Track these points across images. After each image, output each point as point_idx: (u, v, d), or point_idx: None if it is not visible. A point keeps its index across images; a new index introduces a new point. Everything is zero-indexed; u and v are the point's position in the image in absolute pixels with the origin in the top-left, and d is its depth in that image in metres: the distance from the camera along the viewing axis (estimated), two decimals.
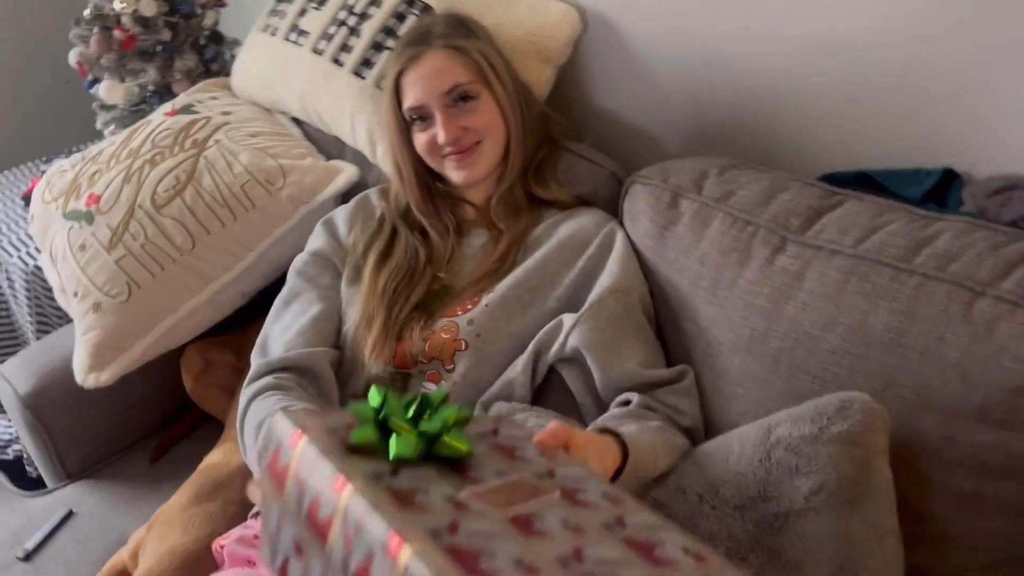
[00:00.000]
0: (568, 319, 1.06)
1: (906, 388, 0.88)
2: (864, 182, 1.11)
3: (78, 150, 1.94)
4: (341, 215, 1.28)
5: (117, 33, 1.63)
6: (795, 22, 1.13)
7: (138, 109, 1.72)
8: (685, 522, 0.80)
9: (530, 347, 1.06)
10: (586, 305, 1.06)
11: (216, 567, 1.09)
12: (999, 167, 1.03)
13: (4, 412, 2.03)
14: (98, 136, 1.88)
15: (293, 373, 1.07)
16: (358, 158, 1.46)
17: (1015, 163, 1.01)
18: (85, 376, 1.32)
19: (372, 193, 1.31)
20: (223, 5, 1.79)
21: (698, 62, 1.26)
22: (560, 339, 1.05)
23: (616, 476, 0.82)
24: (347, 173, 1.42)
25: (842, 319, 0.91)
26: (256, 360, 1.10)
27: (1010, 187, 1.00)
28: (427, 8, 1.36)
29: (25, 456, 1.78)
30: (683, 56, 1.27)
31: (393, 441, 0.63)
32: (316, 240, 1.26)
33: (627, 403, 1.01)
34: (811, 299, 0.94)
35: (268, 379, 1.05)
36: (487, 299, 1.10)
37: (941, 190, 1.06)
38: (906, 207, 0.98)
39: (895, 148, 1.11)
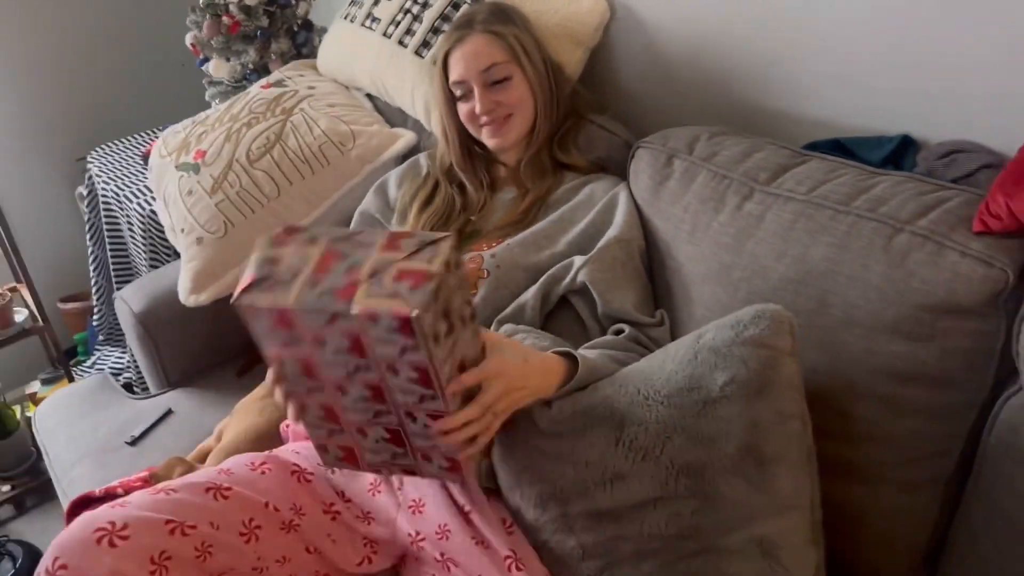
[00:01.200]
0: (579, 260, 1.27)
1: (836, 308, 1.06)
2: (838, 148, 1.28)
3: None
4: (393, 177, 1.53)
5: (225, 19, 1.93)
6: (789, 14, 1.31)
7: (239, 85, 2.02)
8: (625, 410, 0.99)
9: (542, 279, 1.28)
10: (595, 249, 1.28)
11: (282, 442, 1.35)
12: (949, 135, 1.19)
13: (117, 345, 2.38)
14: (205, 109, 2.19)
15: None
16: (417, 127, 1.71)
17: (962, 131, 1.17)
18: (187, 296, 1.61)
19: (422, 157, 1.56)
20: None
21: (709, 47, 1.45)
22: (571, 275, 1.26)
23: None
24: (406, 138, 1.68)
25: (789, 252, 1.10)
26: None
27: (955, 151, 1.17)
28: None
29: (133, 381, 2.11)
30: (696, 42, 1.46)
31: None
32: (366, 202, 1.52)
33: (621, 332, 1.23)
34: (767, 236, 1.13)
35: None
36: (509, 241, 1.33)
37: (900, 154, 1.23)
38: (860, 166, 1.16)
39: (866, 118, 1.28)
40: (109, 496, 1.48)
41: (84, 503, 1.49)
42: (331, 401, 0.96)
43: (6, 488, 2.32)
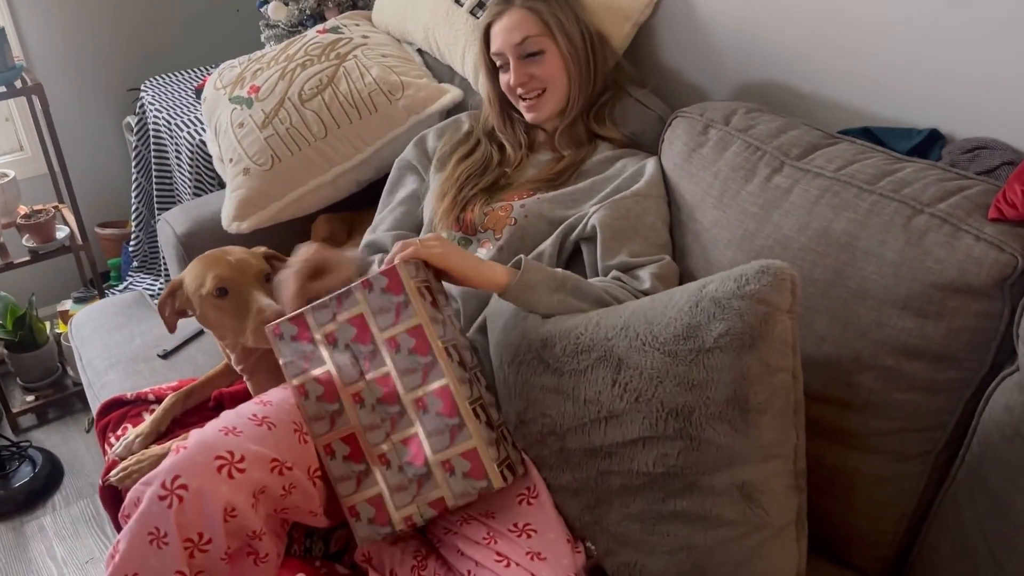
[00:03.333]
0: (592, 208, 1.33)
1: (851, 280, 1.11)
2: (868, 135, 1.33)
3: None
4: (432, 131, 1.61)
5: None
6: (831, 9, 1.36)
7: (295, 29, 2.08)
8: (623, 354, 1.04)
9: (560, 228, 1.34)
10: (611, 199, 1.33)
11: None
12: (975, 132, 1.24)
13: (150, 272, 2.46)
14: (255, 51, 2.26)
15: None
16: (464, 85, 1.77)
17: (987, 129, 1.22)
18: (230, 223, 1.68)
19: (464, 115, 1.63)
20: None
21: (751, 32, 1.50)
22: (584, 222, 1.33)
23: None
24: (452, 94, 1.74)
25: (812, 224, 1.15)
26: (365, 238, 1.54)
27: (980, 147, 1.22)
28: None
29: None
30: (740, 26, 1.51)
31: None
32: (405, 153, 1.61)
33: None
34: (793, 209, 1.18)
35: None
36: (540, 196, 1.39)
37: (927, 147, 1.28)
38: (888, 151, 1.21)
39: (900, 108, 1.33)
40: (140, 400, 1.56)
41: (114, 404, 1.58)
42: (353, 426, 1.10)
43: (30, 398, 2.41)
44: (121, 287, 2.52)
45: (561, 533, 1.10)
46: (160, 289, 2.31)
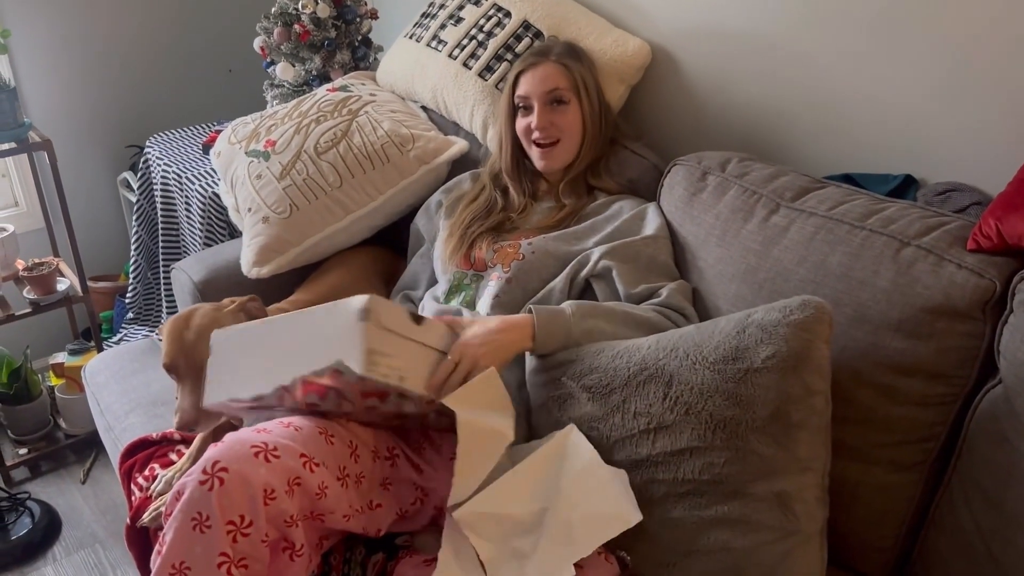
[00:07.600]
0: (598, 249, 1.46)
1: (848, 307, 1.24)
2: (849, 181, 1.48)
3: None
4: (436, 196, 1.75)
5: (296, 28, 2.11)
6: (808, 72, 1.52)
7: (300, 89, 2.19)
8: (674, 371, 1.16)
9: (569, 266, 1.46)
10: (619, 242, 1.46)
11: None
12: (945, 176, 1.40)
13: (144, 323, 2.49)
14: (246, 111, 2.34)
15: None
16: (469, 139, 1.89)
17: (956, 174, 1.38)
18: (250, 268, 1.75)
19: (467, 175, 1.76)
20: (375, 18, 2.27)
21: (735, 93, 1.66)
22: (592, 261, 1.45)
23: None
24: (460, 145, 1.86)
25: (810, 258, 1.28)
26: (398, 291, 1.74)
27: (950, 190, 1.37)
28: (539, 33, 1.79)
29: None
30: (724, 87, 1.67)
31: None
32: (417, 217, 1.76)
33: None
34: (791, 244, 1.32)
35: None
36: (545, 235, 1.52)
37: (902, 191, 1.43)
38: (872, 193, 1.36)
39: (874, 158, 1.49)
40: (166, 440, 1.61)
41: (139, 446, 1.61)
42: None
43: (23, 451, 2.40)
44: (116, 339, 2.54)
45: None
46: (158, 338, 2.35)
